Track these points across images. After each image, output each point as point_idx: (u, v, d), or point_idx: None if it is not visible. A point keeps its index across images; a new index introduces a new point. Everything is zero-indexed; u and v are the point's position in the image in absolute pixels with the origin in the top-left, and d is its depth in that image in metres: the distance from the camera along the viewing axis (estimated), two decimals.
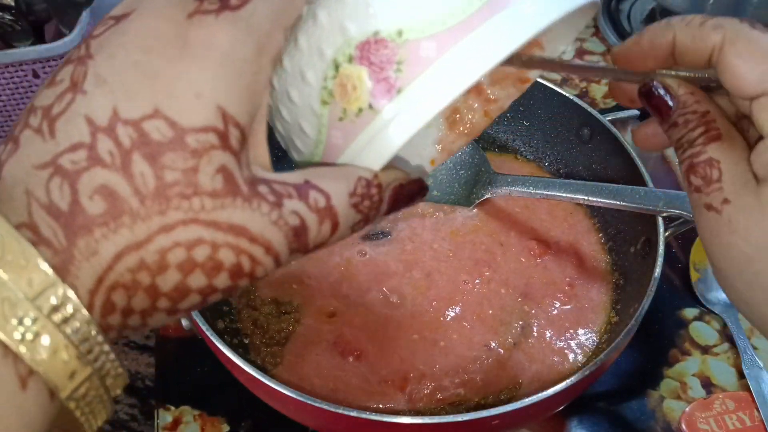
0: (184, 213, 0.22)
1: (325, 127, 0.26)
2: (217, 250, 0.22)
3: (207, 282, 0.23)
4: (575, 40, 0.88)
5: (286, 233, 0.24)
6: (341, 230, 0.25)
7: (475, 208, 0.62)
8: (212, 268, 0.23)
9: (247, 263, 0.23)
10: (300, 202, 0.24)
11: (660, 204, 0.51)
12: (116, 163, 0.21)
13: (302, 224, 0.24)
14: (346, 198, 0.25)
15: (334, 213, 0.25)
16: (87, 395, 0.22)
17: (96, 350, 0.22)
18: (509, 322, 0.55)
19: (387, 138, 0.25)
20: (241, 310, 0.57)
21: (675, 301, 0.63)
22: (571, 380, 0.45)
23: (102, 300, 0.21)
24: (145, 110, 0.22)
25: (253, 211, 0.23)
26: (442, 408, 0.51)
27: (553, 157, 0.67)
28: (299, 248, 0.25)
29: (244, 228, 0.23)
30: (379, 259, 0.58)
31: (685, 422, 0.55)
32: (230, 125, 0.23)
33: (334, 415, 0.43)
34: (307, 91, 0.26)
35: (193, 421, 0.55)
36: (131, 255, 0.21)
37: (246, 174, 0.23)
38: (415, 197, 0.28)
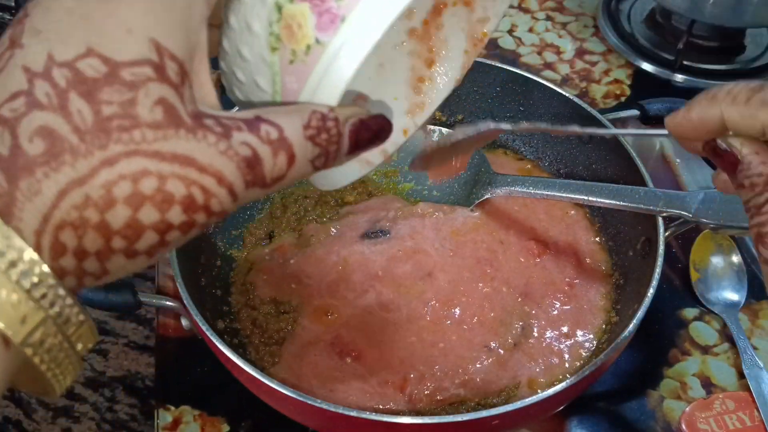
0: (125, 145, 0.22)
1: (279, 75, 0.26)
2: (165, 181, 0.22)
3: (160, 216, 0.23)
4: (575, 40, 0.88)
5: (237, 164, 0.24)
6: (299, 163, 0.25)
7: (474, 208, 0.62)
8: (162, 200, 0.22)
9: (199, 195, 0.23)
10: (250, 134, 0.24)
11: (660, 204, 0.51)
12: (53, 104, 0.22)
13: (254, 155, 0.24)
14: (300, 130, 0.25)
15: (288, 144, 0.25)
16: (45, 342, 0.22)
17: (50, 294, 0.21)
18: (509, 323, 0.55)
19: (338, 69, 0.25)
20: (240, 309, 0.57)
21: (675, 301, 0.63)
22: (571, 380, 0.45)
23: (50, 240, 0.21)
24: (78, 50, 0.22)
25: (198, 141, 0.23)
26: (442, 408, 0.51)
27: (553, 157, 0.67)
28: (256, 181, 0.24)
29: (190, 158, 0.23)
30: (378, 258, 0.58)
31: (685, 422, 0.55)
32: (166, 58, 0.23)
33: (334, 415, 0.43)
34: (256, 43, 0.26)
35: (193, 421, 0.55)
36: (75, 191, 0.21)
37: (190, 108, 0.23)
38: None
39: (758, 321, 0.62)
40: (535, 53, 0.87)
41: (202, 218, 0.24)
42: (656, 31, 0.89)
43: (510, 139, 0.69)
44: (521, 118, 0.67)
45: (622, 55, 0.86)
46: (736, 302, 0.62)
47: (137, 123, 0.22)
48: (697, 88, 0.81)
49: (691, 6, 0.79)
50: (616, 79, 0.84)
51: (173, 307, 0.51)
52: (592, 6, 0.94)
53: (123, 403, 1.37)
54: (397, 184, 0.66)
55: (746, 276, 0.63)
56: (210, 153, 0.23)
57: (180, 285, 0.49)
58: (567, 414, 0.55)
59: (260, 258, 0.60)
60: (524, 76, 0.64)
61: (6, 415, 1.35)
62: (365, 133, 0.27)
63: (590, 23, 0.91)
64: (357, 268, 0.57)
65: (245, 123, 0.24)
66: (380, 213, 0.62)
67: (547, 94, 0.64)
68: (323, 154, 0.26)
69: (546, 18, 0.92)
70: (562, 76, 0.84)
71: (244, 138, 0.24)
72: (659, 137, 0.43)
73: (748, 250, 0.65)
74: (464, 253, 0.59)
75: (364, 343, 0.54)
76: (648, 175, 0.56)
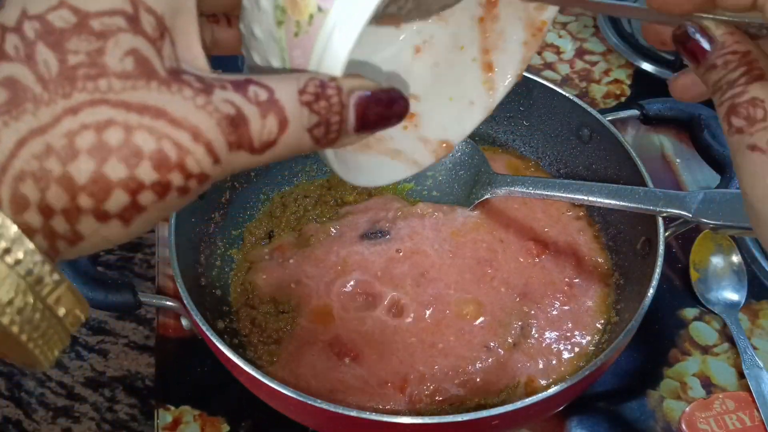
0: (90, 94, 0.21)
1: (286, 50, 0.26)
2: (132, 132, 0.21)
3: (128, 172, 0.21)
4: (575, 40, 0.88)
5: (218, 121, 0.22)
6: (293, 130, 0.24)
7: (474, 209, 0.62)
8: (130, 154, 0.21)
9: (172, 150, 0.22)
10: (235, 93, 0.23)
11: (660, 204, 0.51)
12: (20, 55, 0.21)
13: (239, 114, 0.23)
14: (295, 94, 0.24)
15: (279, 107, 0.23)
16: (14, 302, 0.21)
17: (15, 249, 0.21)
18: (508, 323, 0.55)
19: (340, 37, 0.25)
20: (240, 308, 0.57)
21: (675, 301, 0.63)
22: (571, 380, 0.45)
23: (9, 192, 0.21)
24: (50, 3, 0.22)
25: (172, 94, 0.22)
26: (442, 409, 0.51)
27: (553, 157, 0.67)
28: (241, 143, 0.23)
29: (161, 109, 0.22)
30: (377, 259, 0.58)
31: (685, 422, 0.55)
32: (142, 10, 0.22)
33: (333, 415, 0.43)
34: (265, 19, 0.26)
35: (193, 421, 0.55)
36: (36, 140, 0.21)
37: (168, 64, 0.23)
38: (393, 110, 0.26)
39: (758, 321, 0.62)
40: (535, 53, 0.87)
41: (179, 179, 0.22)
42: None
43: (510, 139, 0.69)
44: (521, 118, 0.67)
45: (622, 55, 0.86)
46: (736, 302, 0.62)
47: (104, 72, 0.21)
48: None
49: None
50: (616, 79, 0.84)
51: (173, 307, 0.51)
52: None
53: (123, 403, 1.37)
54: (397, 184, 0.66)
55: (746, 276, 0.63)
56: (185, 106, 0.22)
57: (180, 285, 0.49)
58: (567, 414, 0.55)
59: (260, 257, 0.60)
60: (524, 76, 0.64)
61: (6, 415, 1.35)
62: (375, 107, 0.25)
63: (590, 23, 0.91)
64: (356, 269, 0.57)
65: (232, 83, 0.23)
66: (380, 213, 0.62)
67: (547, 94, 0.64)
68: (323, 123, 0.24)
69: None
70: (562, 76, 0.84)
71: (226, 96, 0.23)
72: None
73: (748, 250, 0.65)
74: (464, 253, 0.59)
75: (363, 344, 0.53)
76: (648, 175, 0.56)
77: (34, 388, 1.39)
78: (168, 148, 0.22)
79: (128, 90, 0.21)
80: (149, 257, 1.57)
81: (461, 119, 0.36)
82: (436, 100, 0.36)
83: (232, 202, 0.62)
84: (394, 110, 0.26)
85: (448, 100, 0.36)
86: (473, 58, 0.36)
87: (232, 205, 0.62)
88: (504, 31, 0.36)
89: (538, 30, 0.35)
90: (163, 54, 0.23)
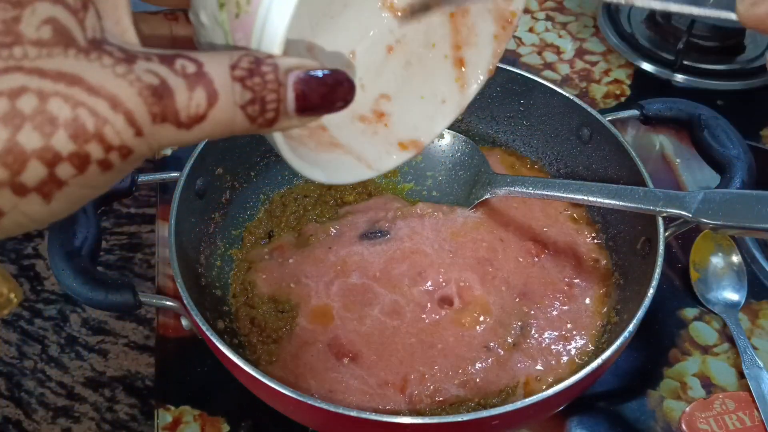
0: (4, 61, 0.21)
1: (229, 33, 0.25)
2: (46, 99, 0.21)
3: (43, 142, 0.21)
4: (575, 40, 0.88)
5: (139, 90, 0.22)
6: (224, 105, 0.23)
7: (474, 209, 0.62)
8: (44, 122, 0.21)
9: (89, 119, 0.21)
10: (160, 64, 0.22)
11: (660, 204, 0.51)
12: None
13: (163, 84, 0.22)
14: (226, 69, 0.23)
15: (208, 80, 0.23)
16: None
17: None
18: (508, 323, 0.55)
19: (278, 12, 0.24)
20: (239, 308, 0.57)
21: (675, 301, 0.63)
22: (571, 380, 0.45)
23: None
24: None
25: (90, 61, 0.21)
26: (443, 409, 0.51)
27: (553, 157, 0.67)
28: (165, 115, 0.22)
29: (77, 77, 0.21)
30: (376, 259, 0.58)
31: (685, 422, 0.55)
32: None
33: (333, 415, 0.43)
34: (209, 3, 0.26)
35: (193, 421, 0.55)
36: None
37: (90, 35, 0.22)
38: (336, 92, 0.25)
39: (758, 321, 0.62)
40: (535, 53, 0.87)
41: (98, 151, 0.21)
42: (656, 31, 0.89)
43: (510, 139, 0.69)
44: (521, 118, 0.67)
45: (622, 55, 0.86)
46: (736, 302, 0.62)
47: (19, 40, 0.21)
48: (697, 88, 0.82)
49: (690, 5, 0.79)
50: (616, 79, 0.84)
51: (173, 307, 0.51)
52: (592, 6, 0.94)
53: (123, 403, 1.36)
54: (397, 184, 0.66)
55: (746, 276, 0.63)
56: (103, 74, 0.21)
57: (180, 285, 0.49)
58: (567, 414, 0.55)
59: (259, 257, 0.60)
60: (524, 76, 0.64)
61: (6, 415, 1.35)
62: (316, 87, 0.24)
63: (590, 23, 0.91)
64: (356, 269, 0.57)
65: (158, 56, 0.22)
66: (379, 213, 0.62)
67: (547, 94, 0.64)
68: (257, 101, 0.23)
69: (546, 18, 0.92)
70: (562, 76, 0.84)
71: (150, 67, 0.22)
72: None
73: (748, 250, 0.65)
74: (464, 253, 0.59)
75: (362, 344, 0.53)
76: (648, 175, 0.56)
77: (34, 388, 1.39)
78: (84, 116, 0.21)
79: (43, 57, 0.21)
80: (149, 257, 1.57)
81: (433, 118, 0.36)
82: (407, 99, 0.36)
83: (232, 202, 0.62)
84: (338, 93, 0.25)
85: (419, 98, 0.36)
86: (445, 54, 0.36)
87: (232, 205, 0.62)
88: (475, 25, 0.35)
89: (507, 22, 0.35)
90: (85, 25, 0.22)
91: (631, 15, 0.92)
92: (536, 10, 0.94)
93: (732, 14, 0.33)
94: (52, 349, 1.44)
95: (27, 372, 1.41)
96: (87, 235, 0.53)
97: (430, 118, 0.36)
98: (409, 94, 0.36)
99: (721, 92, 0.82)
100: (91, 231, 0.53)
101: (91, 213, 0.54)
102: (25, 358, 1.43)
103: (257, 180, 0.64)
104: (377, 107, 0.35)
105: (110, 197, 0.57)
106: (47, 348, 1.44)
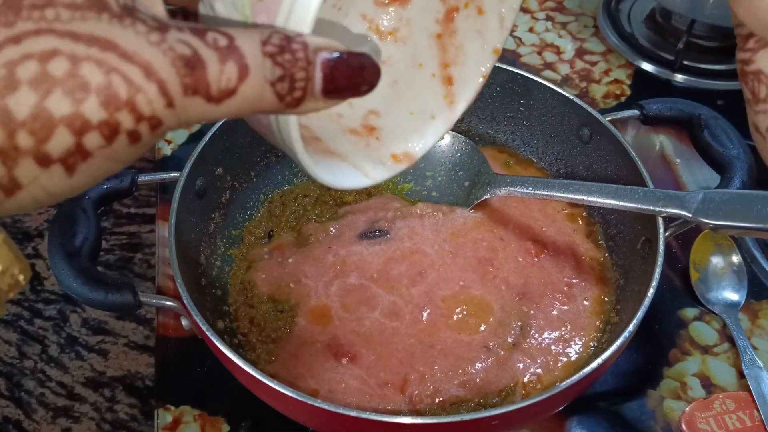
0: (35, 23, 0.20)
1: (250, 17, 0.25)
2: (79, 64, 0.20)
3: (73, 108, 0.20)
4: (575, 40, 0.88)
5: (172, 60, 0.21)
6: (254, 79, 0.22)
7: (473, 209, 0.62)
8: (75, 87, 0.20)
9: (121, 86, 0.20)
10: (193, 36, 0.22)
11: (659, 204, 0.51)
12: None
13: (195, 55, 0.21)
14: (257, 44, 0.22)
15: (239, 54, 0.22)
16: None
17: None
18: (508, 323, 0.55)
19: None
20: (239, 307, 0.57)
21: (675, 301, 0.63)
22: (571, 380, 0.45)
23: None
24: None
25: (124, 27, 0.21)
26: (443, 409, 0.51)
27: (553, 157, 0.67)
28: (197, 87, 0.21)
29: (111, 42, 0.20)
30: (376, 259, 0.58)
31: (685, 422, 0.55)
32: None
33: (333, 415, 0.44)
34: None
35: (193, 421, 0.55)
36: None
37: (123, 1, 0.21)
38: (363, 75, 0.25)
39: (758, 321, 0.62)
40: (535, 53, 0.87)
41: (129, 121, 0.21)
42: (656, 31, 0.89)
43: (510, 139, 0.69)
44: (521, 119, 0.67)
45: (622, 55, 0.86)
46: (736, 302, 0.62)
47: (52, 2, 0.20)
48: (697, 88, 0.82)
49: (691, 6, 0.79)
50: (616, 79, 0.84)
51: (173, 307, 0.51)
52: (592, 6, 0.94)
53: (123, 403, 1.37)
54: (397, 184, 0.66)
55: (746, 276, 0.63)
56: (137, 41, 0.21)
57: (180, 285, 0.49)
58: (567, 414, 0.55)
59: (259, 256, 0.60)
60: (524, 76, 0.64)
61: (6, 415, 1.35)
62: (343, 68, 0.24)
63: (590, 23, 0.91)
64: (355, 269, 0.57)
65: (190, 28, 0.22)
66: (379, 213, 0.62)
67: (547, 94, 0.64)
68: (287, 77, 0.23)
69: (546, 18, 0.92)
70: (562, 76, 0.84)
71: (182, 37, 0.21)
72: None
73: (748, 250, 0.65)
74: (464, 253, 0.59)
75: (361, 345, 0.53)
76: (648, 175, 0.56)
77: (34, 388, 1.39)
78: (117, 82, 0.20)
79: (77, 20, 0.20)
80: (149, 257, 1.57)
81: (423, 133, 0.36)
82: (396, 114, 0.36)
83: (232, 202, 0.62)
84: (365, 76, 0.25)
85: (408, 114, 0.36)
86: (433, 73, 0.36)
87: (232, 205, 0.62)
88: (462, 45, 0.36)
89: (495, 51, 0.35)
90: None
91: (631, 15, 0.92)
92: (536, 10, 0.94)
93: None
94: (52, 349, 1.44)
95: (27, 372, 1.41)
96: (87, 235, 0.53)
97: (420, 133, 0.36)
98: (398, 111, 0.36)
99: (721, 92, 0.82)
100: (91, 231, 0.53)
101: (91, 213, 0.54)
102: (25, 358, 1.43)
103: (257, 180, 0.64)
104: (366, 122, 0.36)
105: (110, 197, 0.57)
106: (47, 348, 1.44)
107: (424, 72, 0.36)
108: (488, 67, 0.36)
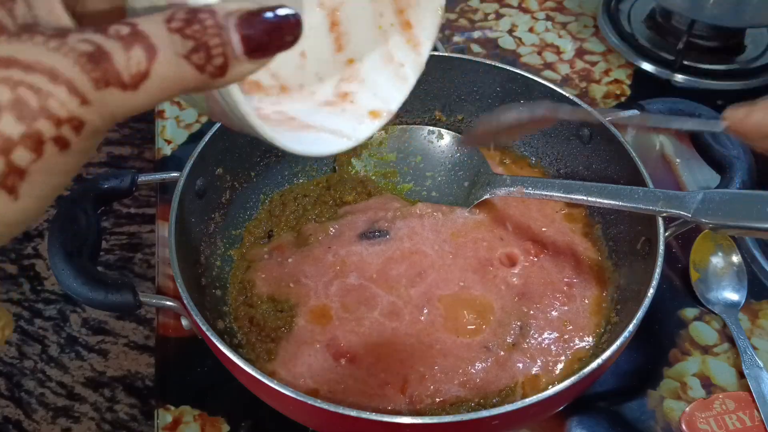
0: None
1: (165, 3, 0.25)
2: None
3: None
4: (575, 40, 0.88)
5: (75, 59, 0.21)
6: (165, 57, 0.22)
7: (473, 209, 0.62)
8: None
9: (30, 96, 0.21)
10: (95, 34, 0.22)
11: (659, 204, 0.51)
12: None
13: (99, 50, 0.22)
14: (161, 24, 0.22)
15: (143, 36, 0.22)
16: None
17: None
18: (508, 323, 0.55)
19: None
20: (238, 307, 0.57)
21: (675, 301, 0.63)
22: (571, 380, 0.45)
23: None
24: None
25: (22, 42, 0.21)
26: (443, 409, 0.51)
27: (553, 157, 0.67)
28: (107, 78, 0.22)
29: (11, 58, 0.21)
30: (375, 259, 0.58)
31: (685, 422, 0.55)
32: None
33: (333, 415, 0.43)
34: None
35: (193, 421, 0.55)
36: None
37: (21, 22, 0.22)
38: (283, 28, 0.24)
39: (758, 321, 0.62)
40: (535, 53, 0.87)
41: (48, 128, 0.21)
42: (656, 31, 0.89)
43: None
44: None
45: (622, 55, 0.86)
46: (736, 302, 0.62)
47: None
48: (697, 88, 0.82)
49: (691, 6, 0.79)
50: (616, 79, 0.84)
51: (173, 307, 0.51)
52: (592, 6, 0.94)
53: (123, 403, 1.37)
54: (396, 184, 0.66)
55: (746, 276, 0.63)
56: (36, 51, 0.21)
57: (180, 285, 0.49)
58: (567, 414, 0.55)
59: (259, 256, 0.60)
60: (524, 76, 0.64)
61: (6, 415, 1.35)
62: (259, 25, 0.23)
63: (590, 23, 0.91)
64: (354, 269, 0.57)
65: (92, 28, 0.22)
66: (379, 213, 0.62)
67: (547, 94, 0.64)
68: (201, 47, 0.23)
69: (546, 18, 0.92)
70: (562, 76, 0.84)
71: (83, 36, 0.22)
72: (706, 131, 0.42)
73: (748, 250, 0.65)
74: (464, 253, 0.59)
75: (361, 345, 0.53)
76: (648, 175, 0.56)
77: (34, 388, 1.39)
78: (26, 94, 0.21)
79: None
80: (149, 257, 1.57)
81: (396, 84, 0.36)
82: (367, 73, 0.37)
83: (232, 202, 0.62)
84: (284, 27, 0.24)
85: (379, 69, 0.37)
86: (391, 23, 0.37)
87: (232, 205, 0.62)
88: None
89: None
90: (15, 14, 0.22)
91: (631, 15, 0.92)
92: (536, 10, 0.94)
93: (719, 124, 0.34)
94: (52, 349, 1.44)
95: (27, 372, 1.41)
96: (87, 235, 0.53)
97: (393, 84, 0.36)
98: (368, 69, 0.37)
99: (721, 92, 0.82)
100: (91, 231, 0.53)
101: (91, 213, 0.54)
102: (25, 358, 1.43)
103: (257, 180, 0.64)
104: (339, 90, 0.36)
105: (110, 197, 0.57)
106: (47, 348, 1.44)
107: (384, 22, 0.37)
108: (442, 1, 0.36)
